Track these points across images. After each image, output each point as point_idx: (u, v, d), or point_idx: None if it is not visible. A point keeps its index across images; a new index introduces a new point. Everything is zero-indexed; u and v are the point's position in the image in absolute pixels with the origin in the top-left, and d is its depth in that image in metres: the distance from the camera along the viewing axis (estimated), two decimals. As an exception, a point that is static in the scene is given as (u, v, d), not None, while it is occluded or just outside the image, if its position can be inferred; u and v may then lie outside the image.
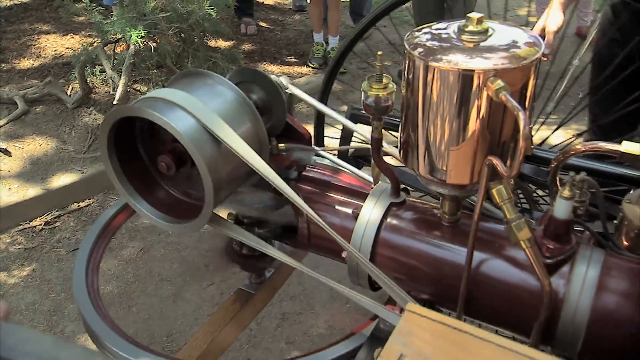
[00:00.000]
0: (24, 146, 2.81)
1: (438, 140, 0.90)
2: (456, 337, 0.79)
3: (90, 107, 3.10)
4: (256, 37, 4.02)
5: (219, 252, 2.39)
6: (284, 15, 4.48)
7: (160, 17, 3.01)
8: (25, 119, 3.02)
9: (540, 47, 0.85)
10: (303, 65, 3.74)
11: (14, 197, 2.53)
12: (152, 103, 0.95)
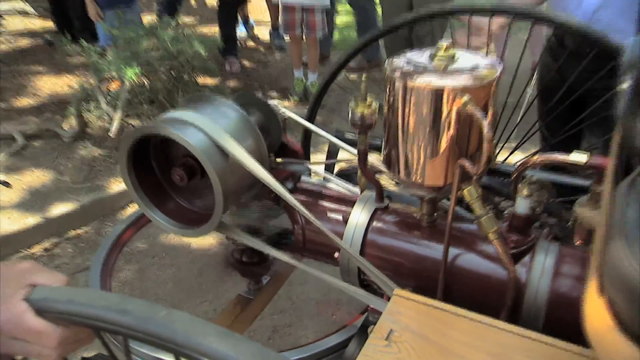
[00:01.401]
0: (23, 178, 2.82)
1: (415, 148, 0.96)
2: (437, 314, 0.87)
3: (86, 141, 3.14)
4: (240, 75, 4.09)
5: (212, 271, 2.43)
6: (266, 55, 4.56)
7: (152, 55, 3.08)
8: (24, 153, 3.03)
9: (498, 70, 0.95)
10: (285, 99, 3.80)
11: (14, 226, 2.53)
12: (168, 122, 1.00)
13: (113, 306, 0.53)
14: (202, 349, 0.47)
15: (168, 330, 0.49)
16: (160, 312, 0.50)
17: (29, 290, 0.61)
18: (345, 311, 2.12)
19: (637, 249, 0.50)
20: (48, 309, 0.60)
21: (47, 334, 0.61)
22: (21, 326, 0.60)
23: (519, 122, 1.61)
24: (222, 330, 0.48)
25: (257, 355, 0.46)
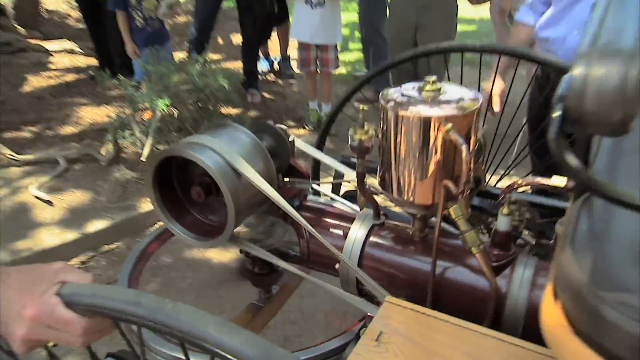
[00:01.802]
0: (64, 198, 2.87)
1: (406, 171, 0.97)
2: (423, 319, 0.88)
3: (120, 165, 3.18)
4: (260, 105, 4.12)
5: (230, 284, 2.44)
6: (284, 87, 4.58)
7: (181, 88, 3.14)
8: (66, 175, 3.08)
9: (479, 101, 0.97)
10: (300, 128, 3.83)
11: (55, 240, 2.57)
12: (189, 146, 1.03)
13: (129, 299, 0.56)
14: (202, 336, 0.50)
15: (174, 320, 0.52)
16: (168, 305, 0.54)
17: (60, 286, 0.65)
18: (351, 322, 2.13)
19: (582, 258, 0.52)
20: (75, 302, 0.63)
21: (74, 323, 0.64)
22: (53, 316, 0.64)
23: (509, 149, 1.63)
24: (220, 321, 0.51)
25: (247, 342, 0.49)
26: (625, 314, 0.48)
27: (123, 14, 3.52)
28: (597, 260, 0.52)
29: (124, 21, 3.54)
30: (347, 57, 5.30)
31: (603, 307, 0.49)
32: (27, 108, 3.86)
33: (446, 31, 3.19)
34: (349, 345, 1.07)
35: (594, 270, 0.51)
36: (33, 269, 0.69)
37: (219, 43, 5.40)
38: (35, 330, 0.64)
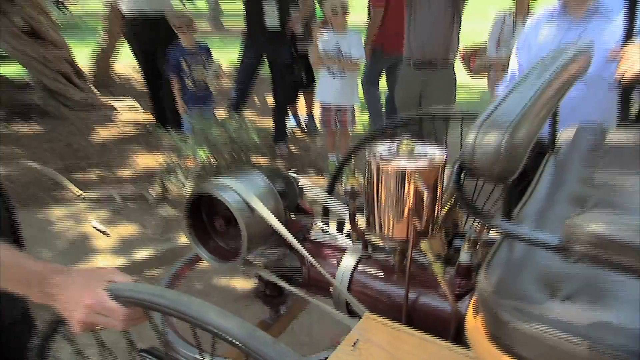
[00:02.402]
0: (118, 229, 2.95)
1: (386, 212, 1.01)
2: (393, 332, 0.93)
3: (165, 204, 3.25)
4: (287, 157, 4.17)
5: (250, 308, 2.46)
6: (308, 142, 4.64)
7: (220, 141, 3.24)
8: (121, 211, 3.17)
9: (444, 157, 0.99)
10: (321, 177, 3.83)
11: (110, 265, 2.65)
12: (215, 186, 1.09)
13: (156, 293, 0.66)
14: (205, 319, 0.60)
15: (186, 308, 0.62)
16: (184, 298, 0.64)
17: (108, 283, 0.74)
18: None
19: (490, 276, 0.61)
20: (118, 296, 0.72)
21: (117, 311, 0.72)
22: (102, 306, 0.72)
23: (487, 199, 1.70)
24: (218, 310, 0.61)
25: (239, 327, 0.58)
26: (516, 316, 0.56)
27: (176, 79, 3.65)
28: (499, 278, 0.60)
29: (178, 84, 3.66)
30: (364, 117, 5.41)
31: (501, 311, 0.57)
32: (95, 154, 4.02)
33: (446, 99, 3.16)
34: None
35: (496, 285, 0.60)
36: (90, 270, 0.78)
37: (254, 103, 5.50)
38: (89, 316, 0.73)
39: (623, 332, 0.51)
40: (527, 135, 0.56)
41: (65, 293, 0.74)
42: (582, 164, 0.96)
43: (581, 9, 1.64)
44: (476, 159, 0.52)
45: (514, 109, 0.55)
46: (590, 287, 0.58)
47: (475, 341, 0.63)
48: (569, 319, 0.53)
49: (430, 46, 3.09)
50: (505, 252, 0.67)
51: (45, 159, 3.79)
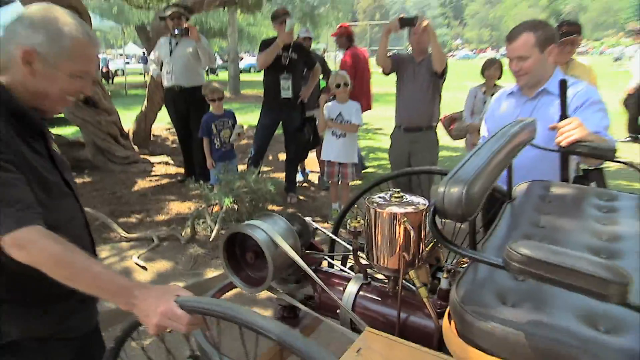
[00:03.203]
0: (154, 265, 3.00)
1: (382, 247, 1.09)
2: (389, 342, 0.98)
3: (195, 244, 3.29)
4: (296, 205, 4.22)
5: None
6: (314, 193, 4.70)
7: (241, 191, 3.33)
8: (157, 249, 3.21)
9: (427, 204, 1.09)
10: (325, 222, 3.87)
11: None
12: (247, 226, 1.17)
13: (213, 303, 0.77)
14: (251, 322, 0.70)
15: (236, 314, 0.72)
16: (235, 307, 0.75)
17: (176, 297, 0.83)
18: None
19: (459, 289, 0.72)
20: (184, 306, 0.81)
21: (183, 318, 0.80)
22: (172, 313, 0.80)
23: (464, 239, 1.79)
24: (262, 316, 0.72)
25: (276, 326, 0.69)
26: (477, 318, 0.67)
27: (207, 140, 3.80)
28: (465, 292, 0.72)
29: (207, 144, 3.80)
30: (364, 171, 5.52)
31: (466, 315, 0.68)
32: (135, 202, 4.11)
33: (430, 157, 3.26)
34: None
35: (463, 297, 0.71)
36: (162, 287, 0.87)
37: (269, 159, 5.62)
38: (162, 321, 0.81)
39: (552, 327, 0.62)
40: (480, 188, 0.69)
41: (145, 303, 0.83)
42: (531, 211, 1.08)
43: (532, 91, 1.81)
44: (445, 204, 0.65)
45: (472, 169, 0.69)
46: (530, 298, 0.69)
47: (448, 339, 0.73)
48: (514, 319, 0.64)
49: (416, 115, 3.26)
50: (471, 274, 0.78)
51: (94, 205, 3.88)
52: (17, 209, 0.89)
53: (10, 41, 1.01)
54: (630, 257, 0.80)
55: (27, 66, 1.00)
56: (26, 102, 1.03)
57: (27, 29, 1.01)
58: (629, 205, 1.10)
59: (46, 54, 1.00)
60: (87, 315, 1.23)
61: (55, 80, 1.02)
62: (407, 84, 3.26)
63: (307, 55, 4.17)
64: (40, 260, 0.88)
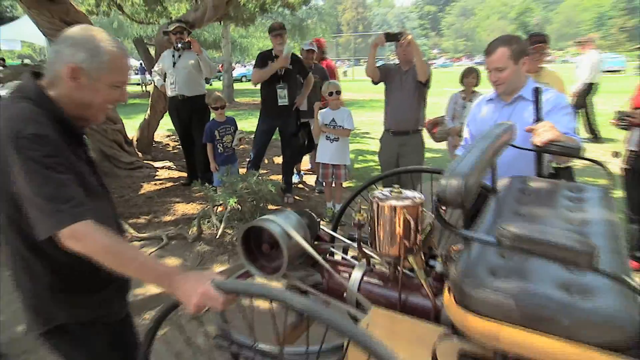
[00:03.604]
0: (164, 262, 2.84)
1: (383, 237, 1.15)
2: (392, 317, 1.08)
3: (201, 242, 3.31)
4: (293, 205, 4.24)
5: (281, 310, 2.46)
6: (309, 193, 4.73)
7: (244, 192, 3.35)
8: (166, 247, 3.23)
9: (423, 199, 1.17)
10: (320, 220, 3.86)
11: (157, 290, 2.67)
12: (263, 220, 1.22)
13: (246, 284, 0.84)
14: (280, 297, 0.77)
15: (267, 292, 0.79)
16: (266, 286, 0.81)
17: (212, 280, 0.88)
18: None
19: (457, 265, 0.81)
20: (219, 287, 0.86)
21: (219, 298, 0.86)
22: (210, 294, 0.86)
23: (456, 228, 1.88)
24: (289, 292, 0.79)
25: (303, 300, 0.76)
26: (472, 288, 0.76)
27: (211, 145, 3.82)
28: (463, 268, 0.80)
29: (211, 149, 3.82)
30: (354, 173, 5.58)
31: (463, 283, 0.77)
32: (142, 204, 4.12)
33: (417, 159, 3.35)
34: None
35: (461, 272, 0.80)
36: (198, 272, 0.93)
37: (265, 162, 5.62)
38: (201, 300, 0.87)
39: (535, 294, 0.71)
40: (475, 180, 0.78)
41: (185, 286, 0.90)
42: (513, 202, 1.17)
43: (509, 97, 1.92)
44: (447, 194, 0.74)
45: (467, 165, 0.77)
46: (515, 272, 0.78)
47: (449, 308, 0.82)
48: (503, 288, 0.73)
49: (403, 120, 3.35)
50: (466, 255, 0.87)
51: (104, 208, 3.89)
52: (71, 205, 0.95)
53: (56, 61, 1.07)
54: (596, 238, 0.90)
55: (73, 81, 1.06)
56: (71, 113, 1.10)
57: (70, 48, 1.07)
58: (594, 196, 1.20)
59: (89, 69, 1.06)
60: (122, 303, 1.29)
61: (98, 92, 1.08)
62: (395, 91, 3.36)
63: (301, 65, 4.24)
64: (94, 251, 0.94)
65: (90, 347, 1.20)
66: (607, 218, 0.99)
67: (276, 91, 4.04)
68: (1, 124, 0.99)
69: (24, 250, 1.08)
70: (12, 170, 0.96)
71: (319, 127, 3.85)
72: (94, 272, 1.10)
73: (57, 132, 1.04)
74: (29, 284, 1.11)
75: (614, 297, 0.70)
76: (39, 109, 1.03)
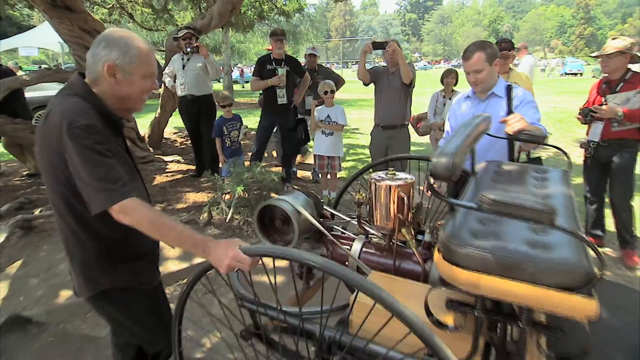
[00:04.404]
0: None
1: (379, 212, 1.22)
2: (390, 279, 1.14)
3: (212, 226, 3.32)
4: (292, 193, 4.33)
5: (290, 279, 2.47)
6: (306, 182, 4.74)
7: (249, 181, 3.37)
8: None
9: (414, 179, 1.25)
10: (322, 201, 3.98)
11: (175, 267, 2.76)
12: (276, 200, 1.29)
13: (269, 247, 0.91)
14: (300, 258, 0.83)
15: (288, 253, 0.86)
16: (285, 248, 0.88)
17: (239, 245, 0.94)
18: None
19: (447, 231, 0.89)
20: (246, 251, 0.92)
21: (246, 260, 0.92)
22: (239, 257, 0.91)
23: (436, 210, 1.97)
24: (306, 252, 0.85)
25: (319, 258, 0.83)
26: (458, 246, 0.85)
27: (219, 140, 3.83)
28: (450, 231, 0.89)
29: (219, 143, 3.83)
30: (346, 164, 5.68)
31: (450, 243, 0.86)
32: (157, 194, 4.10)
33: (404, 149, 3.40)
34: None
35: (448, 234, 0.88)
36: (228, 240, 0.98)
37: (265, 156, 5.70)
38: (231, 262, 0.92)
39: (507, 249, 0.80)
40: (460, 159, 0.86)
41: (217, 251, 0.95)
42: (489, 182, 1.26)
43: (484, 94, 2.01)
44: (438, 169, 0.82)
45: (453, 146, 0.86)
46: (492, 234, 0.87)
47: (439, 264, 0.90)
48: (482, 246, 0.81)
49: (391, 115, 3.42)
50: (452, 221, 0.96)
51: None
52: (119, 185, 1.02)
53: (95, 62, 1.12)
54: (558, 208, 0.99)
55: (112, 77, 1.12)
56: (114, 106, 1.15)
57: (105, 49, 1.12)
58: (556, 176, 1.30)
59: (122, 65, 1.12)
60: (154, 272, 1.36)
61: (133, 84, 1.14)
62: (383, 91, 3.43)
63: (298, 66, 4.29)
64: (140, 223, 1.01)
65: (129, 309, 1.27)
66: (565, 193, 1.08)
67: (276, 91, 4.09)
68: (57, 116, 1.05)
69: (75, 225, 1.14)
70: (69, 155, 1.02)
71: (316, 123, 3.90)
72: (131, 245, 1.18)
73: (102, 123, 1.10)
74: (79, 254, 1.18)
75: (568, 249, 0.79)
76: (87, 103, 1.09)
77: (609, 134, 2.67)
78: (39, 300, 2.40)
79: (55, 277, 2.62)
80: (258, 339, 1.17)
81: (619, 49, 2.49)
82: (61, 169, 1.05)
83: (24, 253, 2.95)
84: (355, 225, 1.41)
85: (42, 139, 1.08)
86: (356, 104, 12.39)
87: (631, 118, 2.53)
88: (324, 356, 1.00)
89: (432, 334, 0.72)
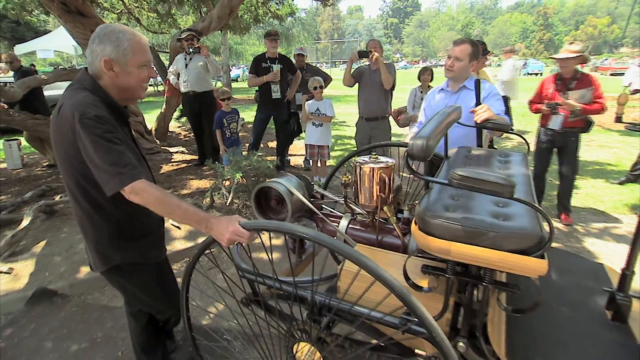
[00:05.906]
0: (184, 226, 2.97)
1: (364, 192, 1.22)
2: (373, 251, 1.14)
3: (213, 209, 3.28)
4: None
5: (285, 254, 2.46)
6: (299, 170, 4.67)
7: (247, 168, 3.35)
8: None
9: (394, 163, 1.25)
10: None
11: (182, 246, 2.73)
12: (271, 182, 1.29)
13: (266, 222, 0.91)
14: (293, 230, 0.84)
15: (284, 227, 0.86)
16: (282, 224, 0.89)
17: (239, 221, 0.94)
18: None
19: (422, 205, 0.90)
20: (245, 226, 0.91)
21: (244, 233, 0.92)
22: (239, 231, 0.91)
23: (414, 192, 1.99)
24: (299, 226, 0.86)
25: (311, 231, 0.84)
26: (431, 217, 0.86)
27: (220, 131, 3.76)
28: (425, 205, 0.90)
29: (220, 135, 3.76)
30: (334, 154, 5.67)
31: (425, 215, 0.87)
32: (163, 181, 4.05)
33: (386, 139, 3.40)
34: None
35: (424, 207, 0.89)
36: (228, 216, 0.97)
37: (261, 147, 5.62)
38: (232, 236, 0.92)
39: (474, 220, 0.82)
40: (433, 142, 0.87)
41: (219, 226, 0.95)
42: (460, 164, 1.27)
43: (456, 87, 2.02)
44: (414, 150, 0.82)
45: (428, 131, 0.86)
46: (461, 207, 0.88)
47: (415, 233, 0.91)
48: (453, 217, 0.83)
49: (374, 108, 3.41)
50: (427, 197, 0.97)
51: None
52: (129, 168, 1.00)
53: (94, 59, 1.09)
54: (517, 184, 1.01)
55: (110, 71, 1.08)
56: (118, 97, 1.12)
57: (100, 44, 1.08)
58: (517, 159, 1.32)
59: (118, 58, 1.08)
60: (160, 249, 1.35)
61: (131, 74, 1.11)
62: (366, 86, 3.42)
63: (290, 64, 4.23)
64: (150, 202, 1.00)
65: (139, 281, 1.27)
66: (523, 172, 1.11)
67: (271, 87, 4.03)
68: (69, 109, 1.02)
69: (88, 208, 1.12)
70: (82, 144, 1.00)
71: (306, 115, 3.88)
72: (138, 225, 1.16)
73: (110, 114, 1.07)
74: (93, 234, 1.16)
75: (525, 219, 0.81)
76: (95, 96, 1.06)
77: (567, 124, 2.75)
78: (62, 275, 2.42)
79: (76, 255, 2.63)
80: (257, 305, 1.18)
81: (577, 52, 2.56)
82: (75, 156, 1.02)
83: (47, 234, 2.95)
84: (342, 205, 1.42)
85: (56, 130, 1.05)
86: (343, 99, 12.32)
87: (586, 111, 2.64)
88: (315, 318, 1.02)
89: (410, 294, 0.73)
